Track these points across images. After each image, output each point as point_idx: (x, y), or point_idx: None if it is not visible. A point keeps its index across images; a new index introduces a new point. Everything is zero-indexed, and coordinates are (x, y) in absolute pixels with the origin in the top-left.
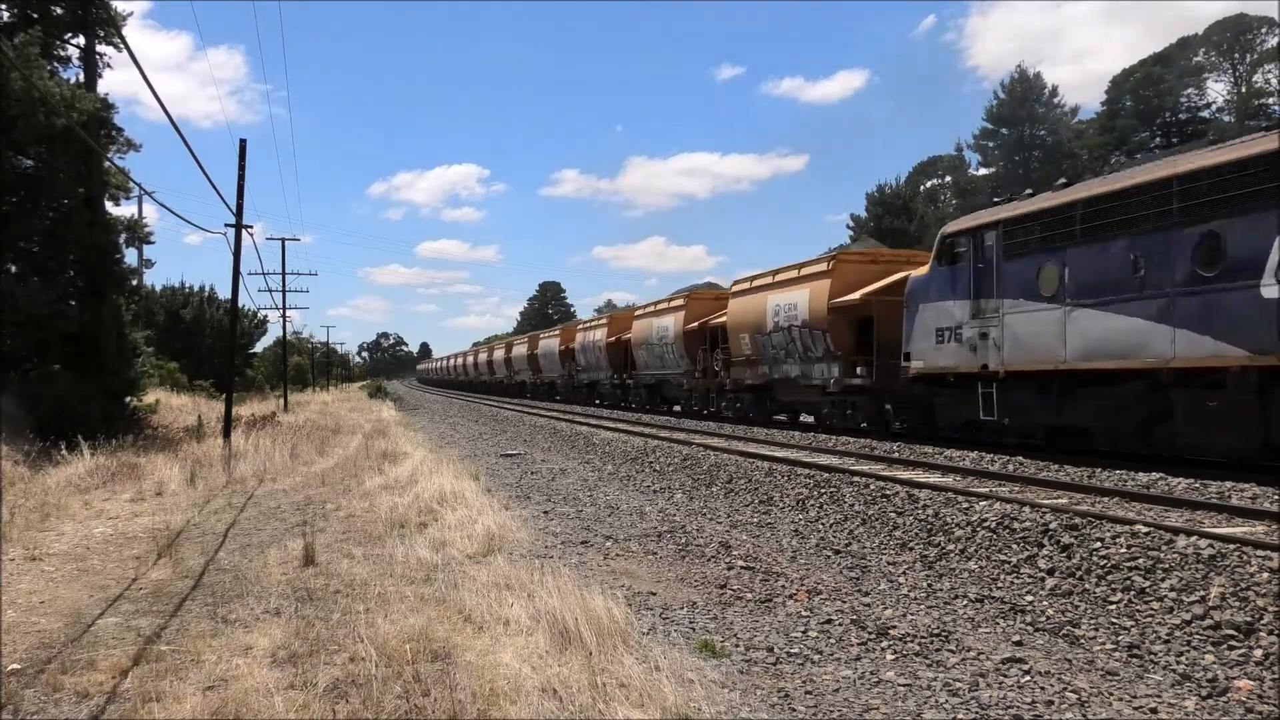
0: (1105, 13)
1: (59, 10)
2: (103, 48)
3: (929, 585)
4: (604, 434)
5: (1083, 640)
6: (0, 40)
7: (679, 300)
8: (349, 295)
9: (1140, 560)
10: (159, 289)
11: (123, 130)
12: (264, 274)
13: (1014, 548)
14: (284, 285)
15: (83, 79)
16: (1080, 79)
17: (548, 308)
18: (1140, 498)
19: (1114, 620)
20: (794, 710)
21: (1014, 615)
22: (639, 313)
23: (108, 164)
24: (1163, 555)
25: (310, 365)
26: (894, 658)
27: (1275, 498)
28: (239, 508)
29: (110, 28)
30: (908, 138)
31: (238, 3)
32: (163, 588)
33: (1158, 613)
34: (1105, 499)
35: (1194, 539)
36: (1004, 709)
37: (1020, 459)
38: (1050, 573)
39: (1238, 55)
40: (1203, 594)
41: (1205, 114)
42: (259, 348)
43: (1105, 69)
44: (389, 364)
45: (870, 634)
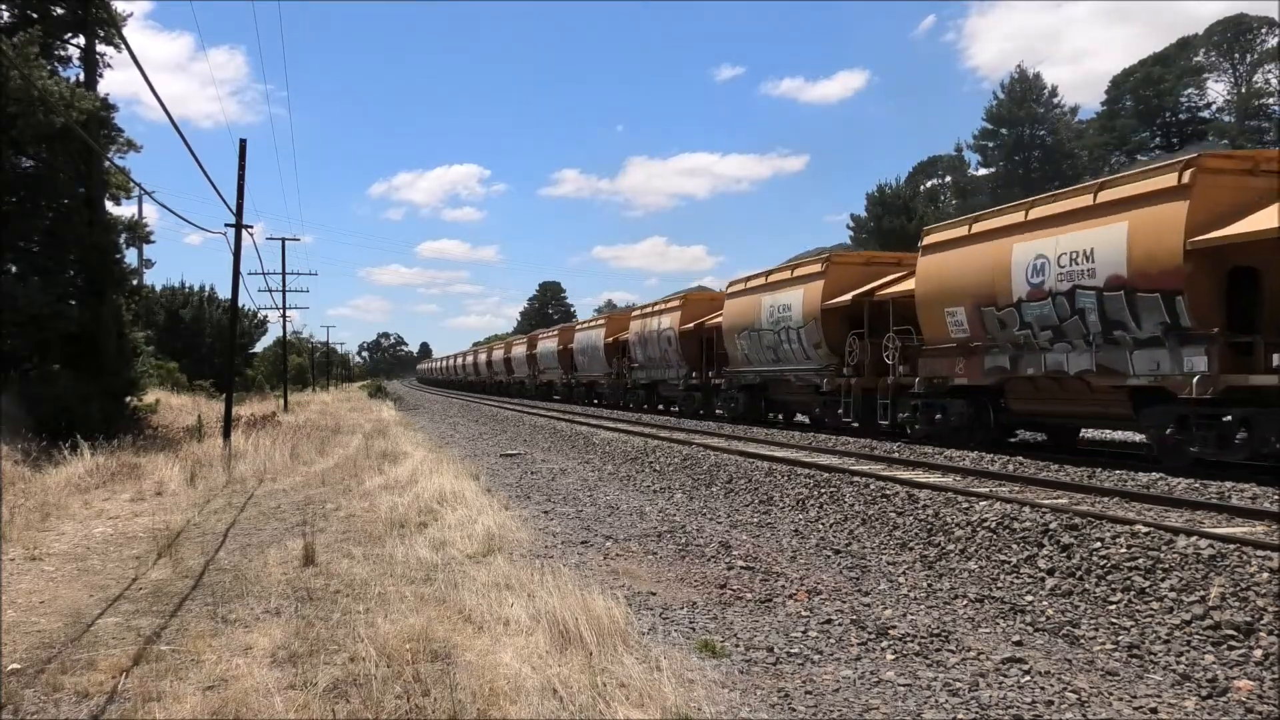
0: (1105, 13)
1: (59, 10)
2: (103, 47)
3: (929, 585)
4: (604, 434)
5: (1083, 640)
6: None
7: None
8: (349, 295)
9: (1140, 560)
10: (159, 289)
11: (123, 130)
12: (264, 274)
13: (1014, 548)
14: (284, 285)
15: (83, 78)
16: (1080, 79)
17: (548, 308)
18: (1140, 498)
19: (1114, 620)
20: (794, 710)
21: (1014, 615)
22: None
23: (108, 164)
24: (1163, 555)
25: (310, 365)
26: (894, 657)
27: (1275, 498)
28: (239, 508)
29: (110, 27)
30: (908, 138)
31: (238, 3)
32: (163, 588)
33: (1158, 613)
34: (1105, 499)
35: (1194, 539)
36: (1004, 709)
37: (1020, 459)
38: (1050, 573)
39: (1238, 55)
40: (1203, 594)
41: (1205, 114)
42: (259, 348)
43: (1105, 69)
44: (389, 364)
45: (870, 634)
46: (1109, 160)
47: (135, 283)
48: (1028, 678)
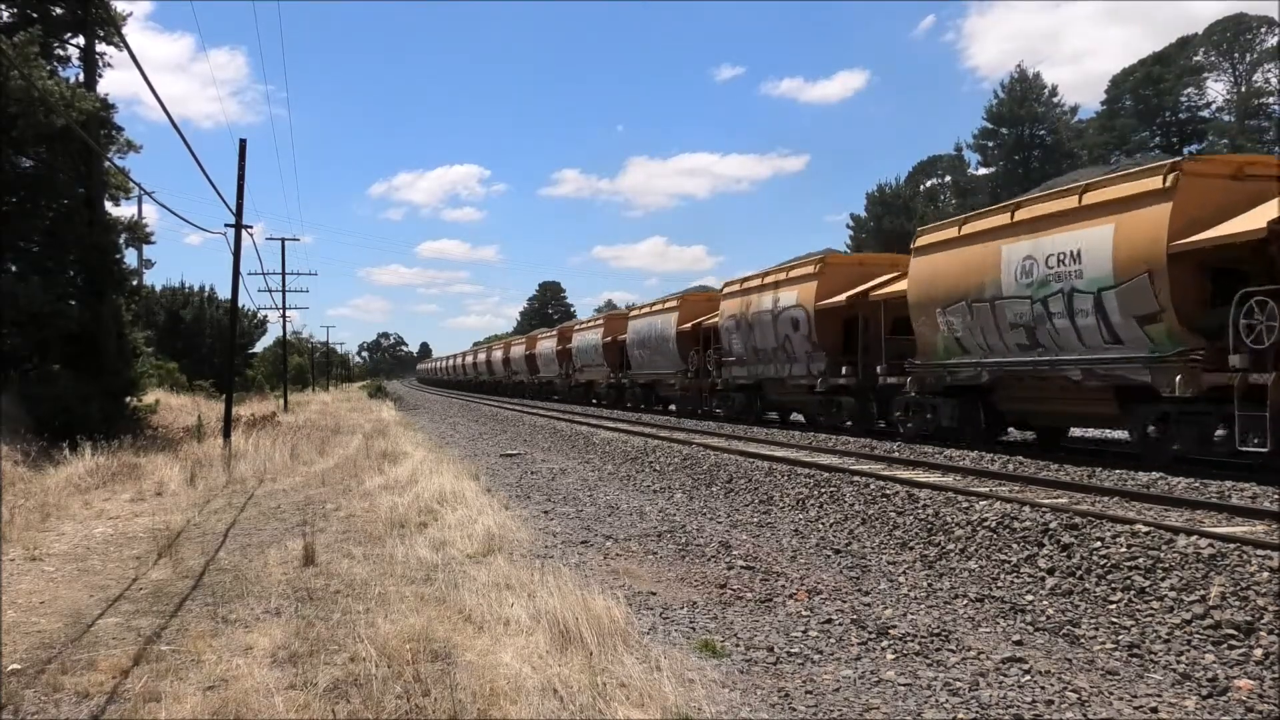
0: (1105, 13)
1: (59, 10)
2: (103, 47)
3: (929, 585)
4: (603, 434)
5: (1083, 640)
6: None
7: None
8: (349, 295)
9: (1140, 560)
10: (159, 289)
11: (123, 130)
12: (264, 274)
13: (1014, 547)
14: (284, 285)
15: (82, 78)
16: (1080, 79)
17: (548, 308)
18: (1140, 497)
19: (1114, 620)
20: (794, 710)
21: (1014, 615)
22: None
23: (107, 164)
24: (1163, 555)
25: (310, 365)
26: (894, 657)
27: (1275, 497)
28: (239, 508)
29: (110, 27)
30: (908, 138)
31: (238, 4)
32: (163, 588)
33: (1158, 612)
34: (1105, 498)
35: (1194, 538)
36: (1004, 708)
37: (1020, 458)
38: (1050, 572)
39: (1237, 55)
40: (1203, 593)
41: (1205, 114)
42: (259, 348)
43: (1105, 69)
44: (389, 364)
45: (870, 633)
46: (1109, 160)
47: (135, 283)
48: (1028, 677)
